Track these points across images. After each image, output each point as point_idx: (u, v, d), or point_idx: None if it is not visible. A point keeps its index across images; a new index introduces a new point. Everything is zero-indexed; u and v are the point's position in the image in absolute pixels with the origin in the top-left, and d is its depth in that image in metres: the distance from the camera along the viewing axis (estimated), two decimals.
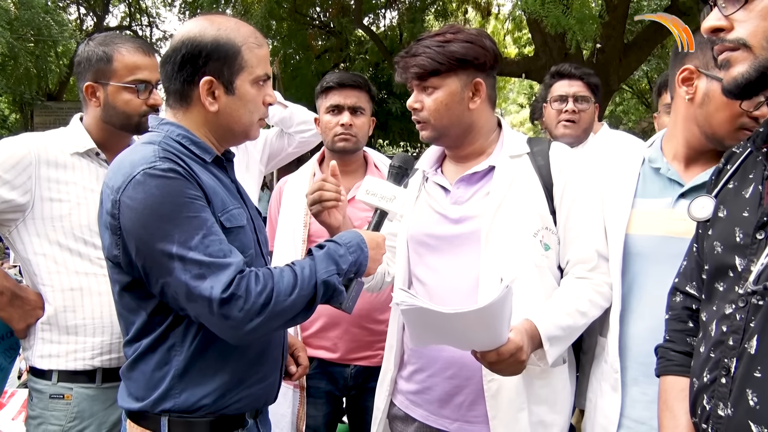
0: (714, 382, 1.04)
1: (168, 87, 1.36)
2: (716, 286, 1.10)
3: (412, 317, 1.33)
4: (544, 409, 1.56)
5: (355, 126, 2.21)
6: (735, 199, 1.12)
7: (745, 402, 0.96)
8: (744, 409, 0.96)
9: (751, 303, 0.99)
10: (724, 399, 1.01)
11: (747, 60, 0.98)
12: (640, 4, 10.47)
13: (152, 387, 1.31)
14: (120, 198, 1.22)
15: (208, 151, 1.36)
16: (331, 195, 1.59)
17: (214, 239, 1.22)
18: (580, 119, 2.58)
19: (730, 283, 1.06)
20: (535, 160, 1.62)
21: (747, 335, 0.98)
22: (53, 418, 1.68)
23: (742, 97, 1.02)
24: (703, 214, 1.20)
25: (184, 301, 1.22)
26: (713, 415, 1.03)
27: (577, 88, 2.59)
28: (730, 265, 1.06)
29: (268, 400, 1.46)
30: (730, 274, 1.06)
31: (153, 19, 14.72)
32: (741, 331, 1.00)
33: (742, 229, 1.06)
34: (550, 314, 1.48)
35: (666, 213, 1.49)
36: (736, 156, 1.20)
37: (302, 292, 1.26)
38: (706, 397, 1.05)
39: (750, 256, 1.02)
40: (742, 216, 1.07)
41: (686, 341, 1.23)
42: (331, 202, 1.59)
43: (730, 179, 1.17)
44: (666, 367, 1.25)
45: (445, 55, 1.54)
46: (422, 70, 1.56)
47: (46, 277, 1.71)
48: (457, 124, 1.61)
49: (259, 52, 1.36)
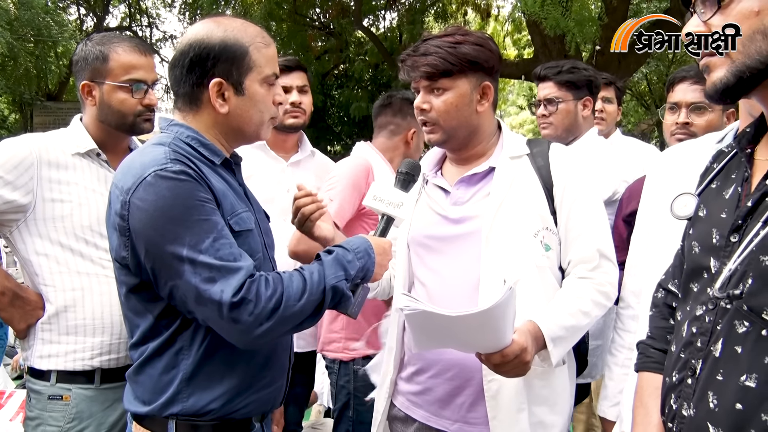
0: (681, 383, 1.05)
1: (177, 91, 1.36)
2: (691, 286, 1.10)
3: (416, 321, 1.33)
4: (544, 410, 1.56)
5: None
6: (716, 199, 1.11)
7: (705, 403, 0.97)
8: (704, 410, 0.97)
9: (720, 306, 0.99)
10: (688, 399, 1.02)
11: (725, 65, 0.97)
12: (640, 6, 10.48)
13: (159, 391, 1.30)
14: (130, 199, 1.21)
15: (217, 154, 1.36)
16: (312, 207, 1.60)
17: (224, 242, 1.22)
18: (555, 120, 2.51)
19: (703, 284, 1.06)
20: (535, 161, 1.62)
21: (713, 338, 0.99)
22: (52, 419, 1.68)
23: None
24: (685, 212, 1.19)
25: (192, 305, 1.22)
26: (678, 414, 1.04)
27: (548, 90, 2.51)
28: (704, 266, 1.06)
29: (274, 405, 1.46)
30: (704, 275, 1.06)
31: (153, 19, 14.74)
32: (708, 333, 1.00)
33: (719, 230, 1.05)
34: (553, 315, 1.48)
35: None
36: (723, 155, 1.18)
37: (311, 297, 1.26)
38: (674, 397, 1.07)
39: (723, 259, 1.02)
40: (720, 217, 1.07)
41: (666, 339, 1.23)
42: (317, 212, 1.60)
43: (714, 179, 1.16)
44: (644, 364, 1.26)
45: (458, 56, 1.54)
46: (434, 69, 1.55)
47: (48, 278, 1.71)
48: (464, 127, 1.61)
49: (267, 52, 1.36)
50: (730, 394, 0.94)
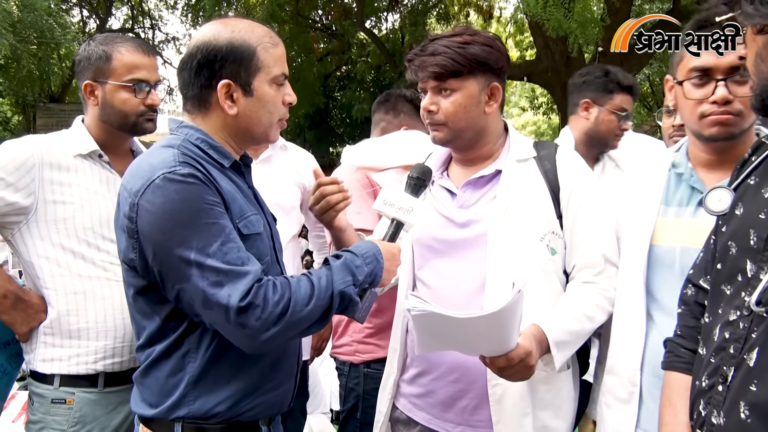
0: (711, 389, 1.02)
1: (186, 93, 1.35)
2: (723, 288, 1.07)
3: (423, 323, 1.32)
4: (548, 414, 1.55)
5: None
6: (754, 197, 1.06)
7: (737, 414, 0.94)
8: (735, 420, 0.95)
9: (755, 313, 0.96)
10: (718, 407, 0.99)
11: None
12: (642, 8, 10.47)
13: (166, 393, 1.30)
14: (138, 202, 1.21)
15: (226, 156, 1.35)
16: (339, 197, 1.58)
17: (232, 246, 1.21)
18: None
19: (738, 287, 1.02)
20: (541, 164, 1.61)
21: (747, 346, 0.96)
22: (55, 423, 1.67)
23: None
24: (720, 208, 1.14)
25: (199, 308, 1.21)
26: (708, 422, 1.02)
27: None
28: (740, 268, 1.02)
29: (282, 408, 1.45)
30: (739, 278, 1.03)
31: (155, 21, 14.73)
32: (742, 340, 0.97)
33: (757, 231, 1.01)
34: (558, 319, 1.47)
35: (687, 223, 1.44)
36: (763, 148, 1.13)
37: (319, 302, 1.25)
38: (703, 403, 1.04)
39: (761, 263, 0.98)
40: (759, 218, 1.02)
41: (696, 339, 1.20)
42: (342, 203, 1.58)
43: (752, 173, 1.11)
44: (672, 363, 1.23)
45: (467, 56, 1.52)
46: (442, 70, 1.53)
47: (49, 280, 1.71)
48: (472, 128, 1.60)
49: (274, 52, 1.35)
50: (764, 407, 0.91)
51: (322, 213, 1.59)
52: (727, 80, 1.34)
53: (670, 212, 1.48)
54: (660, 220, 1.48)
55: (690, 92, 1.39)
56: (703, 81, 1.37)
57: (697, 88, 1.38)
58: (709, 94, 1.35)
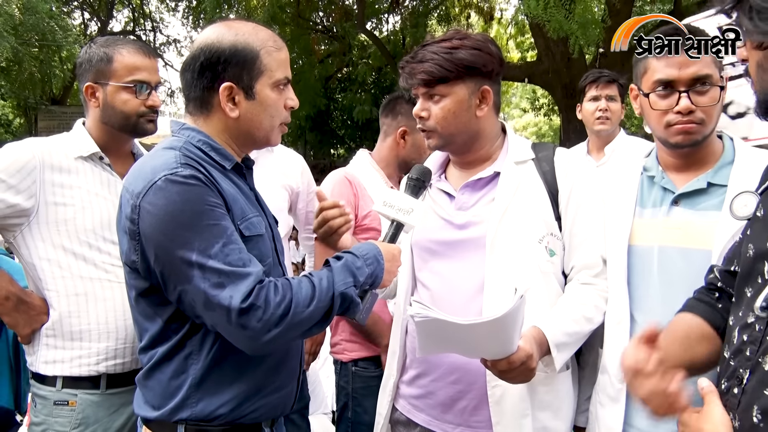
0: (728, 392, 1.01)
1: (188, 95, 1.36)
2: (745, 291, 1.06)
3: (426, 328, 1.32)
4: (547, 415, 1.55)
5: None
6: None
7: (749, 417, 0.93)
8: (748, 423, 0.94)
9: None
10: (733, 410, 0.98)
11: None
12: (643, 9, 10.47)
13: (169, 396, 1.30)
14: (140, 203, 1.21)
15: (228, 158, 1.35)
16: (341, 221, 1.56)
17: (234, 248, 1.22)
18: None
19: (757, 290, 1.01)
20: (540, 166, 1.61)
21: (762, 348, 0.95)
22: (57, 424, 1.68)
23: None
24: (744, 213, 1.15)
25: (201, 310, 1.21)
26: None
27: None
28: (759, 271, 1.01)
29: (284, 410, 1.45)
30: (758, 281, 1.01)
31: (157, 24, 14.75)
32: (758, 343, 0.96)
33: None
34: (557, 321, 1.48)
35: (662, 222, 1.49)
36: None
37: (320, 303, 1.26)
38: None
39: None
40: None
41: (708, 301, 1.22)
42: (345, 226, 1.57)
43: None
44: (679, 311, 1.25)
45: (453, 62, 1.52)
46: (430, 77, 1.54)
47: (51, 282, 1.71)
48: (464, 132, 1.60)
49: (278, 56, 1.35)
50: None
51: (326, 237, 1.59)
52: (689, 91, 1.42)
53: (646, 213, 1.54)
54: (637, 221, 1.54)
55: (656, 103, 1.47)
56: (667, 92, 1.45)
57: (662, 99, 1.46)
58: (674, 105, 1.44)
